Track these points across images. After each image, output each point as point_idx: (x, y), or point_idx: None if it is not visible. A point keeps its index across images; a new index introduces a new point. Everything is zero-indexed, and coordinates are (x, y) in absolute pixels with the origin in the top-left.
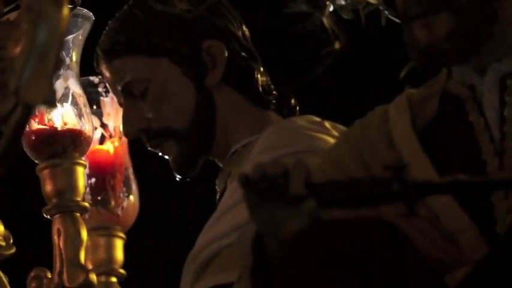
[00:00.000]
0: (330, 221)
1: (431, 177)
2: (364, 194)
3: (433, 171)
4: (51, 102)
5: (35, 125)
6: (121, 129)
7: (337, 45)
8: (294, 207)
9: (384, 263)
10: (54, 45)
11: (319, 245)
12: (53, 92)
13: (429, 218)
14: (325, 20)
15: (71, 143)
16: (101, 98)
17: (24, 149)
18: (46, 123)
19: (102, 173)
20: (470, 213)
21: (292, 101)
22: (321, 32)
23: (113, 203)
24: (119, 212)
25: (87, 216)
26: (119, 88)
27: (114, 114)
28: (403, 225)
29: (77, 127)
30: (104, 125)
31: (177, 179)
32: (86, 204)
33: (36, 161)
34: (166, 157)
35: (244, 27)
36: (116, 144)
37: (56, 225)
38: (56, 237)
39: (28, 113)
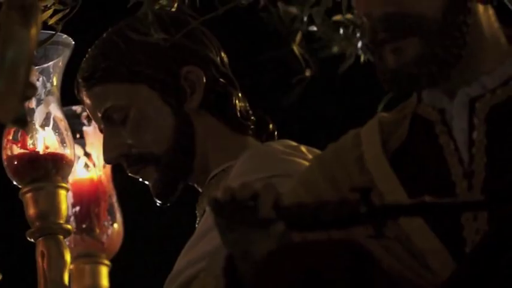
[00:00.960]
0: (299, 243)
1: (402, 199)
2: (332, 217)
3: (403, 194)
4: (22, 121)
5: (17, 149)
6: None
7: (307, 73)
8: (264, 230)
9: (351, 284)
10: (23, 65)
11: (288, 267)
12: (23, 111)
13: (400, 239)
14: (295, 48)
15: (53, 166)
16: (84, 127)
17: (7, 174)
18: (28, 147)
19: (86, 201)
20: (440, 234)
21: (271, 125)
22: (292, 59)
23: (97, 230)
24: (104, 239)
25: (72, 244)
26: (99, 114)
27: (97, 144)
28: (373, 246)
29: (59, 151)
30: (87, 154)
31: (157, 204)
32: (69, 226)
33: (19, 185)
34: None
35: (222, 54)
36: (100, 173)
37: (40, 248)
38: (39, 260)
39: None
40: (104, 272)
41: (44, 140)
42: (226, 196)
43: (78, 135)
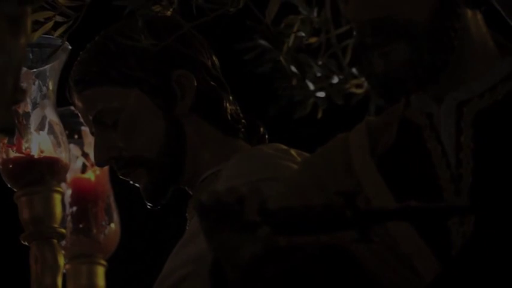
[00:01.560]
0: (284, 246)
1: (389, 204)
2: (317, 221)
3: (390, 198)
4: (9, 130)
5: (12, 153)
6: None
7: (294, 83)
8: (250, 233)
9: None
10: (12, 75)
11: (273, 271)
12: (11, 120)
13: (387, 243)
14: (282, 58)
15: (47, 170)
16: (82, 127)
17: (2, 177)
18: (23, 151)
19: (84, 201)
20: (427, 238)
21: (261, 129)
22: (279, 70)
23: (94, 230)
24: (101, 239)
25: (69, 244)
26: (90, 118)
27: None
28: (359, 250)
29: (54, 155)
30: (85, 154)
31: (148, 207)
32: (63, 230)
33: (14, 189)
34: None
35: (214, 57)
36: (98, 172)
37: (34, 252)
38: (33, 264)
39: None
40: (101, 272)
41: (39, 144)
42: (211, 200)
43: (76, 136)
